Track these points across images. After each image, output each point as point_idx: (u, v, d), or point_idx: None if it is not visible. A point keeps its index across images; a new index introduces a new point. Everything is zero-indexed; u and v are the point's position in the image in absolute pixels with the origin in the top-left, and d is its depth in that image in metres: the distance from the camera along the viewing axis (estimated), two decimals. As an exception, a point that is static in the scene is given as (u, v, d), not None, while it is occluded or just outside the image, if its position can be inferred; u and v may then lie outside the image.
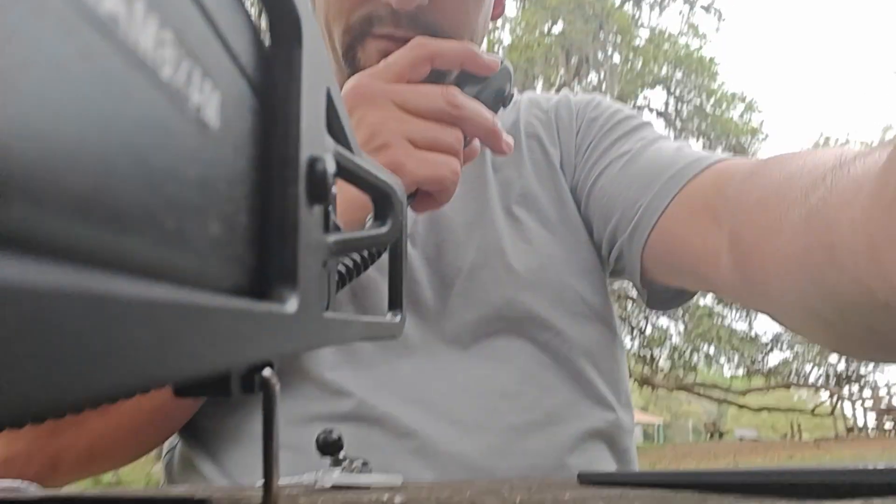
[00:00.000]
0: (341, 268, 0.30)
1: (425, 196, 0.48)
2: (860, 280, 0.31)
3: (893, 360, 0.39)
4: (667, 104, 15.16)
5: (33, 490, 0.36)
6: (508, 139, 0.50)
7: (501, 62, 0.52)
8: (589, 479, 0.33)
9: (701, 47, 14.88)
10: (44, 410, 0.07)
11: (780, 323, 0.46)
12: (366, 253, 0.33)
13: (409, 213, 0.53)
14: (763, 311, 0.47)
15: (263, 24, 0.18)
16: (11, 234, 0.07)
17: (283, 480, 0.38)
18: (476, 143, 0.51)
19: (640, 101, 14.98)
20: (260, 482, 0.19)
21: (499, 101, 0.52)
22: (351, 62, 0.59)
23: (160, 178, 0.09)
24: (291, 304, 0.15)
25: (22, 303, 0.06)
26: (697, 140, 14.96)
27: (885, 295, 0.29)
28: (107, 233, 0.08)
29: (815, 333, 0.42)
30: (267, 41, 0.17)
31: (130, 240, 0.08)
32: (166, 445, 0.62)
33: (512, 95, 0.52)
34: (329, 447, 0.37)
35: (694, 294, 0.61)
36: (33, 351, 0.06)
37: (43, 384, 0.07)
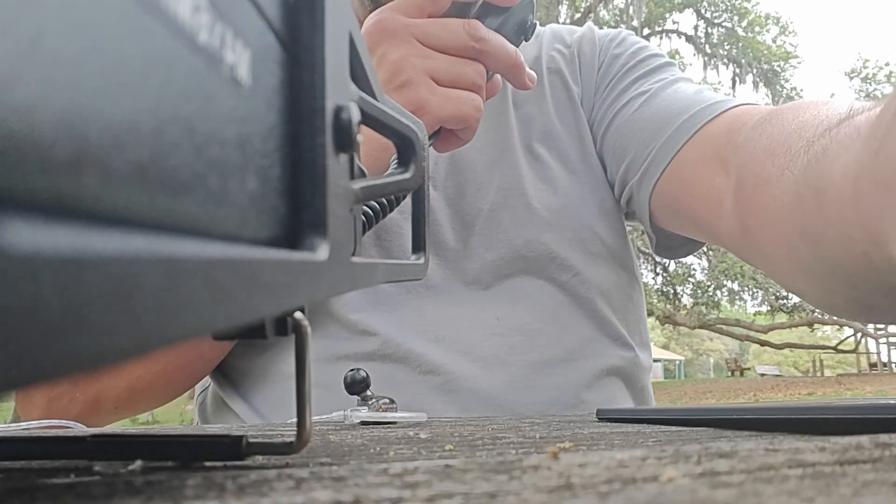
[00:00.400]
0: (366, 210, 0.31)
1: (449, 134, 0.48)
2: (843, 229, 0.31)
3: (876, 320, 0.40)
4: (696, 28, 14.63)
5: (80, 428, 0.38)
6: (531, 74, 0.50)
7: None
8: (607, 416, 0.34)
9: (735, -38, 14.22)
10: (104, 358, 0.08)
11: (773, 278, 0.46)
12: (390, 198, 0.33)
13: (431, 153, 0.53)
14: (757, 265, 0.47)
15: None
16: (73, 202, 0.07)
17: (312, 418, 0.39)
18: (498, 77, 0.51)
19: (668, 26, 14.49)
20: (292, 419, 0.20)
21: (521, 32, 0.51)
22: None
23: (202, 140, 0.09)
24: (322, 252, 0.15)
25: (84, 266, 0.07)
26: (728, 67, 14.49)
27: (864, 245, 0.29)
28: (156, 196, 0.08)
29: (803, 289, 0.42)
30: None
31: (177, 201, 0.09)
32: (198, 386, 0.65)
33: (535, 26, 0.51)
34: (356, 386, 0.39)
35: (701, 245, 0.61)
36: (95, 307, 0.07)
37: (103, 335, 0.07)
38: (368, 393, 0.39)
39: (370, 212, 0.31)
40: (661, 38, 14.59)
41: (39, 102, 0.06)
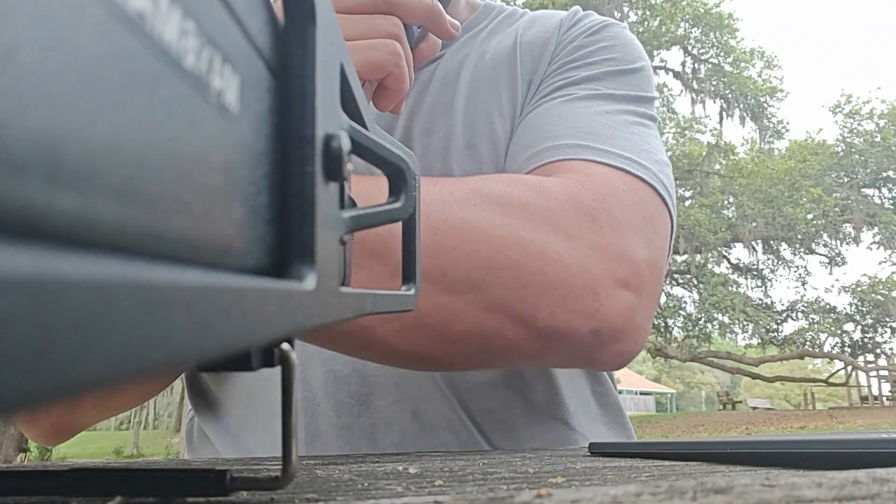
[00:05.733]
0: None
1: (380, 90, 0.45)
2: None
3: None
4: (683, 64, 14.88)
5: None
6: (453, 21, 0.48)
7: None
8: (600, 450, 0.34)
9: (720, 2, 14.53)
10: (75, 388, 0.07)
11: None
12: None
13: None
14: None
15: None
16: (46, 224, 0.07)
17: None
18: (432, 37, 0.49)
19: (656, 63, 14.73)
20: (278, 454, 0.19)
21: None
22: None
23: (186, 165, 0.09)
24: (310, 282, 0.15)
25: (55, 290, 0.06)
26: (715, 102, 14.71)
27: None
28: (136, 220, 0.08)
29: None
30: (282, 20, 0.17)
31: (158, 226, 0.09)
32: (186, 417, 0.64)
33: None
34: None
35: None
36: (67, 334, 0.07)
37: (74, 364, 0.07)
38: None
39: None
40: (649, 73, 14.82)
41: (15, 121, 0.06)
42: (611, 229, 0.44)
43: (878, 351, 15.69)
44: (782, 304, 15.14)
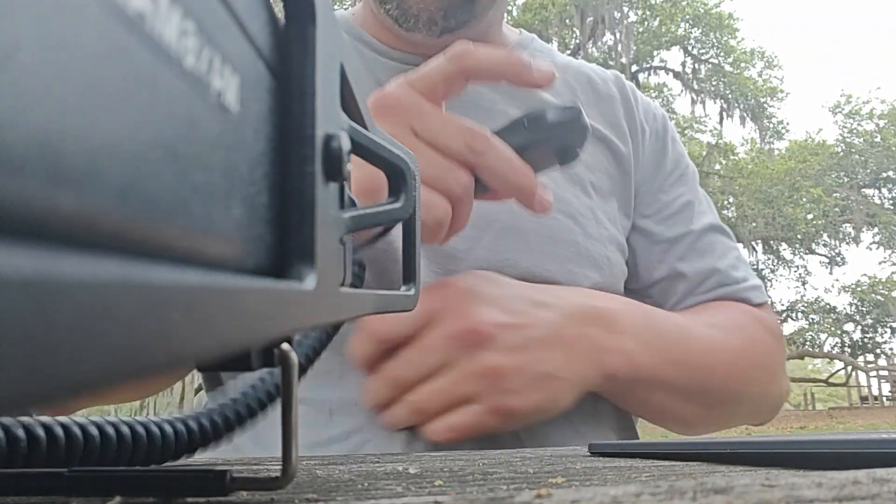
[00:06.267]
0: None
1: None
2: None
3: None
4: (683, 65, 14.89)
5: None
6: (545, 197, 0.44)
7: (573, 106, 0.45)
8: (599, 450, 0.34)
9: (720, 2, 14.54)
10: (74, 388, 0.07)
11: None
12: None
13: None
14: None
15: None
16: (45, 224, 0.07)
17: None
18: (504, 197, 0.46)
19: (656, 62, 14.75)
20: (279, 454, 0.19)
21: (561, 158, 0.46)
22: (385, 5, 0.58)
23: (186, 165, 0.09)
24: (310, 282, 0.15)
25: (61, 293, 0.06)
26: (715, 102, 14.73)
27: None
28: (135, 220, 0.08)
29: None
30: (282, 20, 0.17)
31: (158, 226, 0.09)
32: None
33: (577, 154, 0.46)
34: None
35: None
36: (66, 334, 0.07)
37: (73, 364, 0.07)
38: None
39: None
40: (648, 74, 14.85)
41: (15, 121, 0.06)
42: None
43: (878, 351, 15.70)
44: (782, 304, 15.15)
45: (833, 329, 15.02)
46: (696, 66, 14.91)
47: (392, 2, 0.59)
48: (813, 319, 15.12)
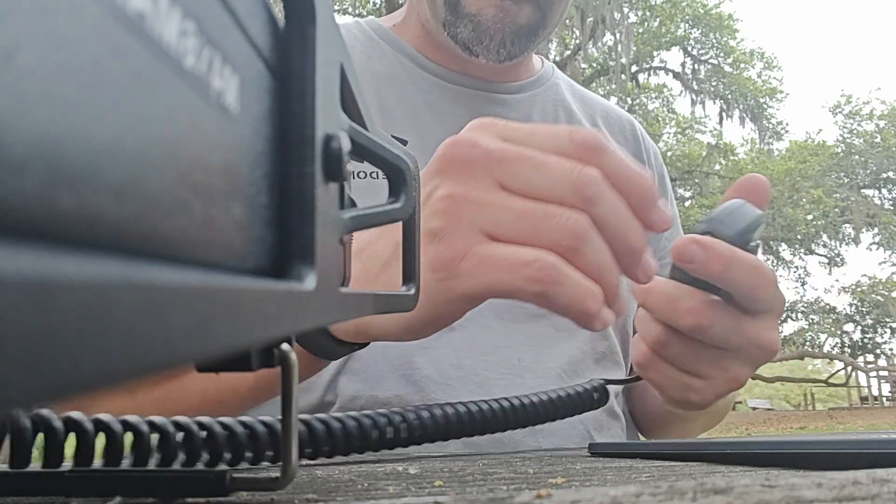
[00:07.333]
0: None
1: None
2: None
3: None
4: (683, 65, 14.90)
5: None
6: (650, 266, 0.34)
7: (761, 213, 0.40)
8: (600, 450, 0.34)
9: (720, 3, 14.55)
10: (72, 388, 0.07)
11: None
12: None
13: None
14: None
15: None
16: (44, 224, 0.07)
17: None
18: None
19: (656, 63, 14.76)
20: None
21: (737, 240, 0.38)
22: (451, 4, 0.57)
23: (185, 165, 0.09)
24: (309, 282, 0.15)
25: (61, 293, 0.06)
26: (715, 103, 14.75)
27: None
28: (134, 220, 0.08)
29: None
30: (281, 21, 0.17)
31: (160, 228, 0.09)
32: None
33: (756, 249, 0.39)
34: None
35: None
36: (65, 334, 0.07)
37: (72, 364, 0.07)
38: None
39: None
40: (648, 74, 14.85)
41: (15, 121, 0.06)
42: None
43: (878, 351, 15.70)
44: (782, 305, 15.12)
45: (833, 329, 15.03)
46: (696, 66, 14.91)
47: (466, 25, 0.57)
48: (812, 320, 15.12)
